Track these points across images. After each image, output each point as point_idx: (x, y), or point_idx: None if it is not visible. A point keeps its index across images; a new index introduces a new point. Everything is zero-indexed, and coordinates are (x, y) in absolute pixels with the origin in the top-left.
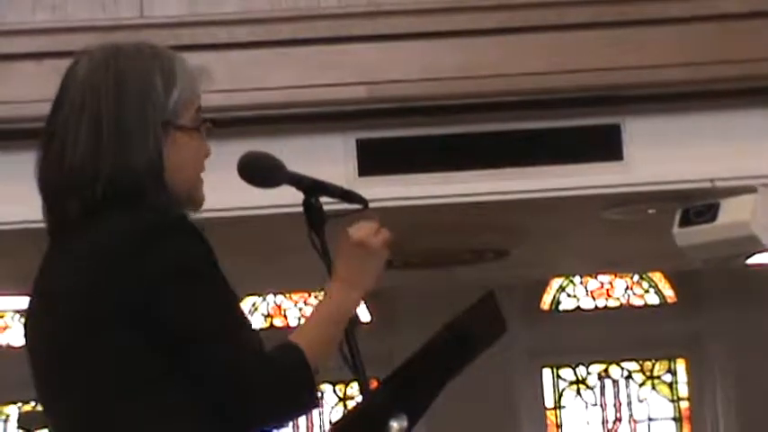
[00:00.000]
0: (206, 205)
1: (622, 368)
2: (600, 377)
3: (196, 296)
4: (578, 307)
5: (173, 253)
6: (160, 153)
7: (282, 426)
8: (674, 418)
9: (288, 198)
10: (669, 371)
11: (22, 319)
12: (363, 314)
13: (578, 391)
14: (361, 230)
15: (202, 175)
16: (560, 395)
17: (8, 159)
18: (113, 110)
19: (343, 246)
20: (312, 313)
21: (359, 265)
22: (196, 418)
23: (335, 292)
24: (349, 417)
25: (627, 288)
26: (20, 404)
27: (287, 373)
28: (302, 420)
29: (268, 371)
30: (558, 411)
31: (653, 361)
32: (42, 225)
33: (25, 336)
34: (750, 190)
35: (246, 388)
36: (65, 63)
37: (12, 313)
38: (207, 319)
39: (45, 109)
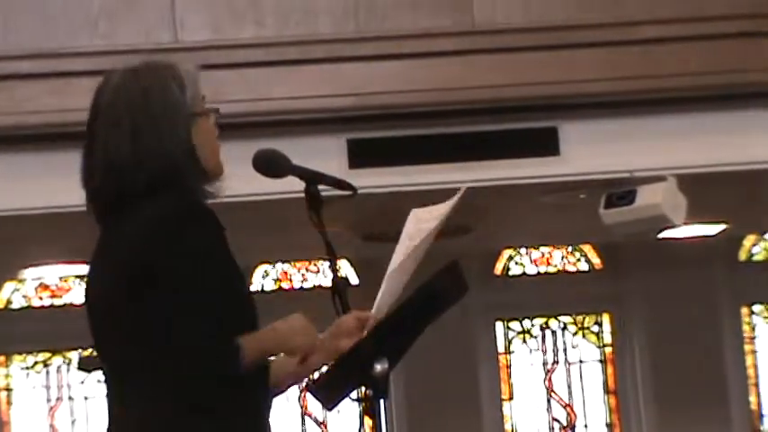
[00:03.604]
0: (227, 191)
1: (559, 321)
2: (541, 328)
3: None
4: (524, 272)
5: (181, 242)
6: (190, 138)
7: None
8: (600, 360)
9: (292, 186)
10: (596, 323)
11: (82, 283)
12: (353, 278)
13: (524, 340)
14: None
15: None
16: (510, 342)
17: (69, 157)
18: (146, 112)
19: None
20: (266, 333)
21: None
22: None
23: (284, 332)
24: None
25: (563, 257)
26: (80, 350)
27: (215, 348)
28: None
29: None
30: (508, 356)
31: (583, 315)
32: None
33: (84, 296)
34: (661, 179)
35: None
36: None
37: (73, 278)
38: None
39: None
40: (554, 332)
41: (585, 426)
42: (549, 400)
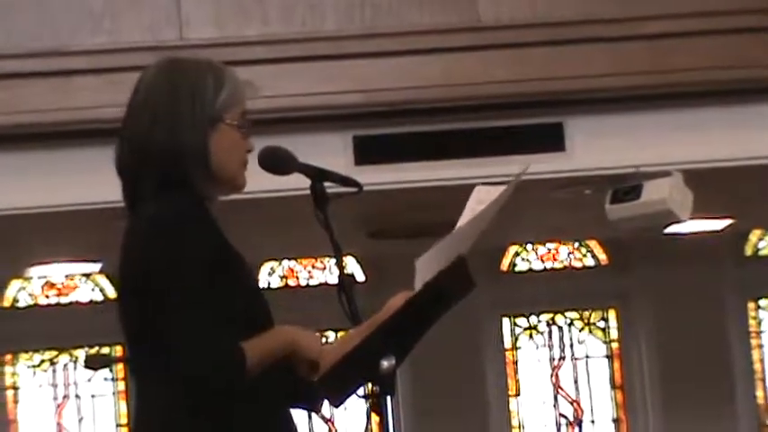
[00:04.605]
0: None
1: (565, 317)
2: (548, 324)
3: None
4: (530, 268)
5: (170, 246)
6: (206, 141)
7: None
8: (607, 356)
9: (298, 183)
10: (603, 319)
11: (88, 281)
12: (359, 275)
13: (531, 336)
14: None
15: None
16: (516, 338)
17: (73, 155)
18: (170, 100)
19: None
20: (270, 334)
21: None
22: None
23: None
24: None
25: (569, 253)
26: (86, 348)
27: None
28: None
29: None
30: (514, 351)
31: (590, 311)
32: (92, 207)
33: None
34: (666, 174)
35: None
36: (118, 77)
37: (79, 276)
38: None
39: (102, 114)
40: (560, 328)
41: (592, 421)
42: (555, 396)
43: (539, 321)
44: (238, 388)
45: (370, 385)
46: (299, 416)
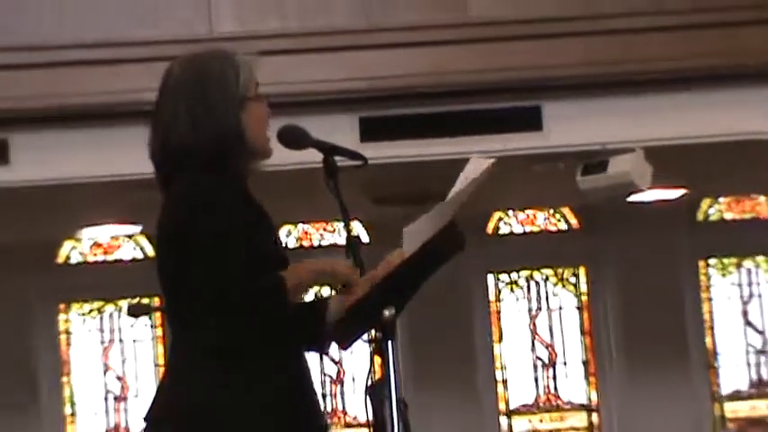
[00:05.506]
0: None
1: (542, 273)
2: (526, 279)
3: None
4: (512, 231)
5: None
6: (240, 122)
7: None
8: (577, 307)
9: (312, 157)
10: (574, 275)
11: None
12: (364, 237)
13: (512, 289)
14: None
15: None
16: (499, 292)
17: (113, 133)
18: (202, 97)
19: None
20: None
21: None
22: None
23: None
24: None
25: (545, 218)
26: (129, 299)
27: (263, 290)
28: None
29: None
30: (498, 303)
31: (562, 268)
32: (133, 177)
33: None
34: (630, 150)
35: (237, 296)
36: (155, 66)
37: (122, 237)
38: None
39: (142, 97)
40: (537, 283)
41: (564, 363)
42: (533, 341)
43: (519, 277)
44: (282, 312)
45: (373, 331)
46: (311, 357)
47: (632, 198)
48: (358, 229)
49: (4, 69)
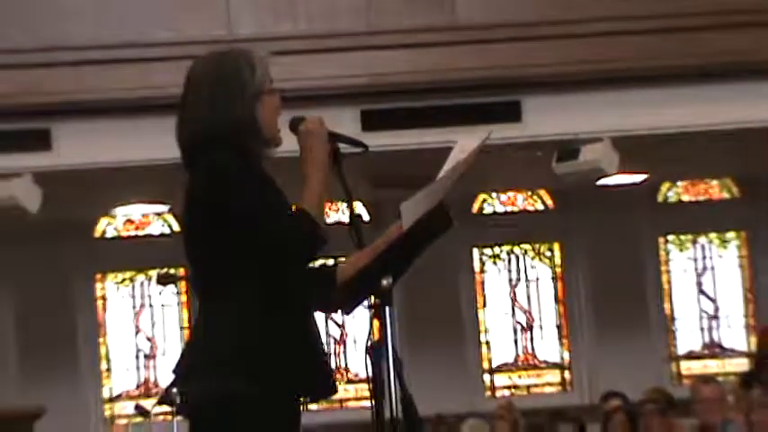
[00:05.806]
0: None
1: (521, 248)
2: (507, 253)
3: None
4: (494, 211)
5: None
6: (254, 113)
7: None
8: (552, 278)
9: None
10: (549, 250)
11: (159, 219)
12: (365, 216)
13: (494, 262)
14: (307, 123)
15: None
16: (483, 264)
17: (144, 123)
18: (221, 88)
19: (301, 145)
20: (306, 193)
21: (311, 153)
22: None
23: (310, 177)
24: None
25: (524, 199)
26: (157, 269)
27: (300, 221)
28: None
29: (291, 220)
30: (482, 274)
31: (539, 244)
32: (162, 162)
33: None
34: (599, 140)
35: (274, 231)
36: (182, 63)
37: (152, 214)
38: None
39: (171, 92)
40: (517, 257)
41: (541, 327)
42: (513, 308)
43: (500, 251)
44: (320, 240)
45: (373, 298)
46: (317, 320)
47: (601, 182)
48: (359, 208)
49: (47, 67)
